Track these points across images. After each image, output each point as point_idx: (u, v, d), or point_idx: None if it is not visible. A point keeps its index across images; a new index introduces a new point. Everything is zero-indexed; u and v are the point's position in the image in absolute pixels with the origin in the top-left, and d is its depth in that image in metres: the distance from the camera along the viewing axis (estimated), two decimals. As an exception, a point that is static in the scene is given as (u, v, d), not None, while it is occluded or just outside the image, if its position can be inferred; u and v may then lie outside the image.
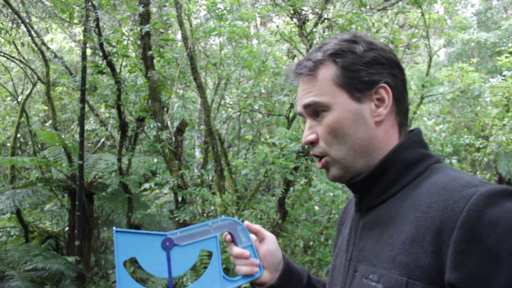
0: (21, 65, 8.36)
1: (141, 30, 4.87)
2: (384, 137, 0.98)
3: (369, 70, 0.97)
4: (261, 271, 1.12)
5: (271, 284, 1.13)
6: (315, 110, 1.01)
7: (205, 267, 4.98)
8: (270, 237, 1.16)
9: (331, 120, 0.98)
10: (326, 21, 5.58)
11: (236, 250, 1.11)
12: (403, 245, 0.85)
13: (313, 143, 1.03)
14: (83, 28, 5.63)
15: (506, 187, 0.80)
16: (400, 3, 6.18)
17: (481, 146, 8.43)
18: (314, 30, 5.45)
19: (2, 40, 8.05)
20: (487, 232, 0.75)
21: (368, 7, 5.56)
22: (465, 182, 0.83)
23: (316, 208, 6.32)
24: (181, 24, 5.39)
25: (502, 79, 7.80)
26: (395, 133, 1.00)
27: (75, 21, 7.06)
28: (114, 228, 1.09)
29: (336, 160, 0.99)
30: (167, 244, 1.09)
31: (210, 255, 1.12)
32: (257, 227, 1.15)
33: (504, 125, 8.11)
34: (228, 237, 1.13)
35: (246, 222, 1.14)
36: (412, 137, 0.98)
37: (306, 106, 1.01)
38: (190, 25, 6.13)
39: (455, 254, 0.76)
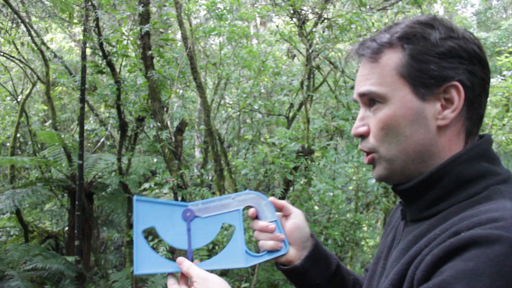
0: (21, 65, 8.36)
1: (140, 29, 4.87)
2: (446, 145, 0.84)
3: (441, 63, 0.81)
4: (287, 247, 1.05)
5: (296, 265, 1.04)
6: (371, 99, 0.88)
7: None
8: (296, 212, 1.08)
9: (386, 115, 0.85)
10: (326, 21, 5.58)
11: (260, 223, 1.05)
12: (401, 265, 0.79)
13: (363, 136, 0.91)
14: (82, 28, 5.63)
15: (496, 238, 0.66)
16: (400, 3, 6.18)
17: (481, 146, 8.42)
18: (314, 30, 5.45)
19: (2, 40, 8.05)
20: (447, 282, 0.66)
21: (368, 7, 5.56)
22: (488, 218, 0.70)
23: (316, 208, 6.32)
24: (180, 24, 5.38)
25: (502, 79, 7.80)
26: (460, 142, 0.85)
27: (75, 20, 7.06)
28: (134, 196, 1.06)
29: (385, 159, 0.88)
30: (188, 215, 1.06)
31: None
32: (283, 202, 1.08)
33: (504, 125, 8.12)
34: (252, 211, 1.07)
35: (272, 198, 1.08)
36: (475, 148, 0.83)
37: (361, 95, 0.90)
38: (190, 25, 6.13)
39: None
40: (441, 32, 0.83)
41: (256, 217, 1.07)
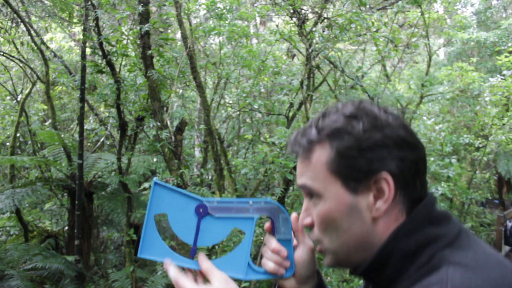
0: (21, 64, 8.36)
1: (140, 29, 4.86)
2: (386, 232, 0.84)
3: (368, 156, 0.82)
4: (292, 271, 1.01)
5: None
6: (309, 192, 0.90)
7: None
8: (308, 245, 1.02)
9: (322, 210, 0.87)
10: (325, 20, 5.58)
11: (273, 244, 1.00)
12: None
13: (309, 226, 0.93)
14: (82, 27, 5.63)
15: None
16: (400, 2, 6.18)
17: (480, 145, 8.44)
18: (313, 29, 5.45)
19: (2, 39, 8.05)
20: None
21: (367, 6, 5.56)
22: None
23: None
24: (180, 24, 5.38)
25: (502, 79, 7.81)
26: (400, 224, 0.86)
27: (75, 20, 7.06)
28: (154, 179, 1.04)
29: (330, 251, 0.90)
30: (201, 210, 1.03)
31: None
32: (300, 227, 1.02)
33: (503, 124, 8.12)
34: (268, 225, 1.03)
35: (294, 214, 1.03)
36: (413, 219, 0.83)
37: (300, 187, 0.91)
38: (190, 24, 6.13)
39: None
40: (364, 123, 0.84)
41: (271, 231, 1.03)
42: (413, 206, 0.85)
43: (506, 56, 7.80)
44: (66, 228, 7.56)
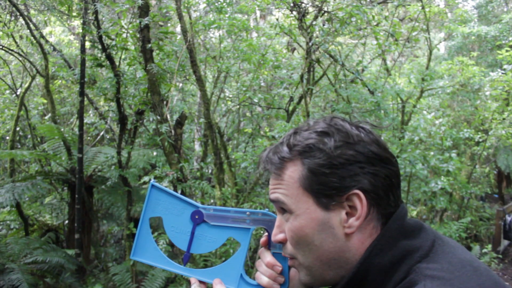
0: (20, 58, 8.34)
1: (140, 22, 4.85)
2: (360, 248, 0.83)
3: (340, 173, 0.82)
4: (286, 286, 0.99)
5: None
6: (282, 208, 0.89)
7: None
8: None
9: (294, 226, 0.86)
10: (326, 14, 5.56)
11: (268, 258, 0.98)
12: None
13: (282, 242, 0.92)
14: (82, 21, 5.61)
15: None
16: (401, -4, 6.16)
17: (480, 140, 8.43)
18: (314, 23, 5.43)
19: (1, 33, 8.01)
20: None
21: (368, 0, 5.54)
22: None
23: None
24: (180, 17, 5.36)
25: (502, 73, 7.78)
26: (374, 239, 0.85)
27: (74, 14, 7.02)
28: (152, 180, 1.04)
29: (304, 266, 0.88)
30: (196, 217, 1.03)
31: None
32: None
33: (503, 119, 8.11)
34: (264, 239, 1.01)
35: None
36: (386, 234, 0.82)
37: (273, 201, 0.91)
38: (190, 18, 6.11)
39: None
40: (336, 139, 0.84)
41: (267, 245, 1.01)
42: (387, 221, 0.85)
43: (507, 51, 7.77)
44: (66, 222, 7.58)
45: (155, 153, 7.48)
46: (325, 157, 0.83)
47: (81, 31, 5.86)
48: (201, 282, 1.02)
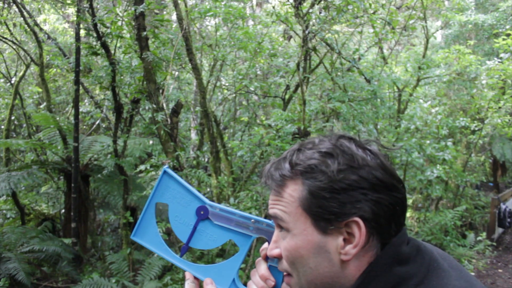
0: (14, 47, 8.26)
1: (135, 10, 4.80)
2: (357, 275, 0.82)
3: (341, 198, 0.79)
4: None
5: None
6: (279, 224, 0.88)
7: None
8: None
9: (289, 245, 0.84)
10: (322, 1, 5.52)
11: (263, 270, 0.96)
12: None
13: (277, 258, 0.90)
14: (76, 9, 5.55)
15: None
16: (398, -17, 6.11)
17: (476, 128, 8.46)
18: (310, 11, 5.39)
19: (-6, 21, 7.93)
20: None
21: (365, -13, 5.49)
22: None
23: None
24: (176, 5, 5.32)
25: (499, 62, 7.79)
26: None
27: (68, 1, 6.95)
28: (164, 167, 1.04)
29: (298, 286, 0.87)
30: (202, 212, 1.03)
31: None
32: None
33: (499, 107, 8.14)
34: (264, 253, 0.98)
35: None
36: (380, 261, 0.80)
37: (272, 217, 0.89)
38: (185, 5, 6.05)
39: None
40: (340, 162, 0.81)
41: (265, 256, 0.99)
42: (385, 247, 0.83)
43: (503, 39, 7.76)
44: (63, 211, 7.58)
45: (151, 142, 7.46)
46: (327, 181, 0.80)
47: (75, 19, 5.80)
48: (195, 278, 1.02)
